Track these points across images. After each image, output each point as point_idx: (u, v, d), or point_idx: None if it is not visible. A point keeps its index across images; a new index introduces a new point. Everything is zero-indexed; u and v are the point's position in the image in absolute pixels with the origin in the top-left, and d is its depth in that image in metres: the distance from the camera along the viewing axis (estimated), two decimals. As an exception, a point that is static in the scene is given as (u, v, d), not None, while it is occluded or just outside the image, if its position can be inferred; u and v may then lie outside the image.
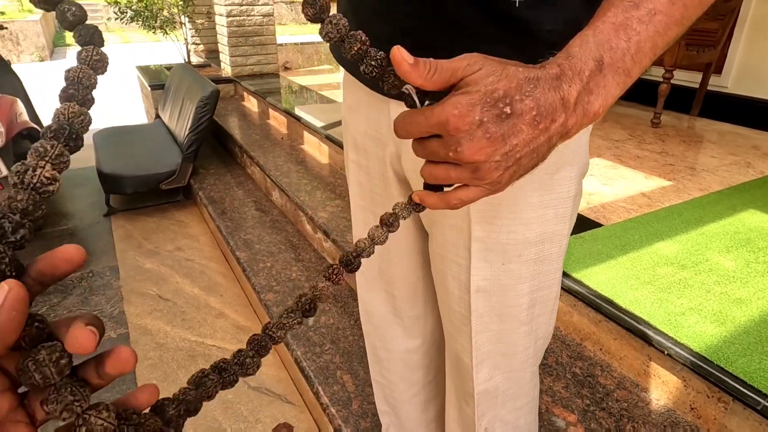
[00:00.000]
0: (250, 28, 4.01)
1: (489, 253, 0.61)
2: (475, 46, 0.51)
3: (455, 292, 0.66)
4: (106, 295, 2.17)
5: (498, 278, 0.62)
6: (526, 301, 0.64)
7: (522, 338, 0.67)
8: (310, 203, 2.20)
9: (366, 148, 0.72)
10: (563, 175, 0.58)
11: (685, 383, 1.12)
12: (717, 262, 1.43)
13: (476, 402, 0.71)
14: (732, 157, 2.30)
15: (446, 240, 0.64)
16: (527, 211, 0.58)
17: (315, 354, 1.57)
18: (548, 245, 0.62)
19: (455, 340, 0.70)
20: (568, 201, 0.61)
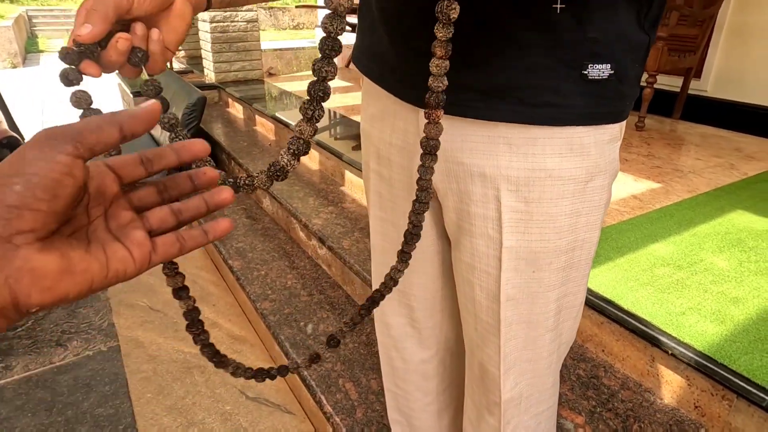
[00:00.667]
0: (234, 34, 3.98)
1: (520, 262, 0.61)
2: (520, 56, 0.51)
3: (483, 302, 0.65)
4: (95, 307, 2.12)
5: (528, 286, 0.62)
6: (553, 308, 0.64)
7: (547, 344, 0.68)
8: (303, 210, 2.18)
9: (390, 158, 0.71)
10: (597, 184, 0.59)
11: (689, 382, 1.14)
12: (711, 262, 1.46)
13: (502, 411, 0.70)
14: (716, 159, 2.36)
15: (475, 249, 0.63)
16: (560, 220, 0.58)
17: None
18: (578, 252, 0.62)
19: (481, 350, 0.70)
20: (599, 209, 0.61)
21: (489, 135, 0.56)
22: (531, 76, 0.52)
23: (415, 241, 0.52)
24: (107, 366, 1.79)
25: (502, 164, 0.57)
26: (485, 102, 0.54)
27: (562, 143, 0.55)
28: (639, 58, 0.54)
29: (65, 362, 1.81)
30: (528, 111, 0.53)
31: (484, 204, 0.60)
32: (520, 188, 0.57)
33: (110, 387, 1.70)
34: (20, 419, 1.56)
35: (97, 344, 1.90)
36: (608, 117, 0.55)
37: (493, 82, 0.53)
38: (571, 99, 0.52)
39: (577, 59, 0.50)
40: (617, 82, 0.53)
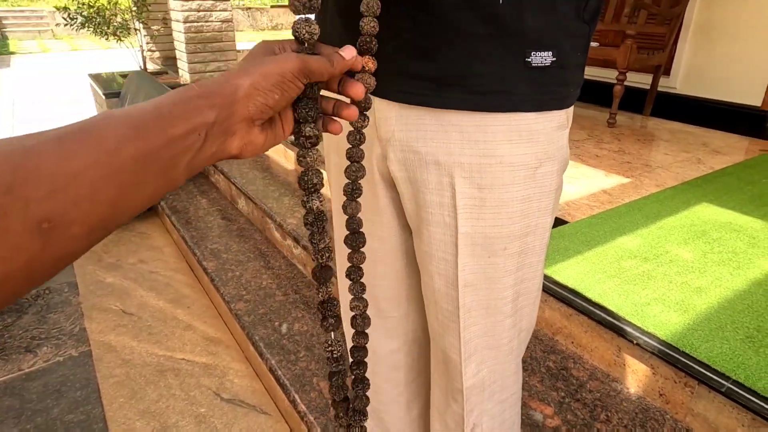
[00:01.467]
0: (209, 34, 3.94)
1: (476, 248, 0.62)
2: (468, 46, 0.53)
3: (442, 289, 0.67)
4: (65, 312, 2.08)
5: (484, 271, 0.63)
6: (510, 293, 0.66)
7: (507, 330, 0.69)
8: (278, 210, 2.17)
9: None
10: (546, 170, 0.60)
11: (654, 371, 1.17)
12: (676, 253, 1.49)
13: (465, 397, 0.71)
14: (684, 154, 2.41)
15: (433, 237, 0.64)
16: (512, 205, 0.60)
17: (290, 362, 1.55)
18: (531, 238, 0.64)
19: (442, 338, 0.71)
20: (550, 194, 0.63)
21: (441, 123, 0.58)
22: (478, 64, 0.54)
23: (358, 244, 0.55)
24: (78, 371, 1.76)
25: (454, 151, 0.58)
26: (436, 91, 0.56)
27: (511, 130, 0.57)
28: (580, 46, 0.57)
29: (35, 368, 1.77)
30: (476, 98, 0.55)
31: (440, 191, 0.61)
32: (473, 175, 0.59)
33: (81, 392, 1.67)
34: (-13, 428, 1.53)
35: (68, 349, 1.86)
36: (553, 103, 0.58)
37: (443, 71, 0.55)
38: (516, 86, 0.55)
39: (520, 47, 0.53)
40: (559, 68, 0.55)
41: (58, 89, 6.91)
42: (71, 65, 8.97)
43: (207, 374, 1.75)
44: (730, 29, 2.93)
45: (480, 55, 0.53)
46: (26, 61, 9.54)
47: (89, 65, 8.55)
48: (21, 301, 2.13)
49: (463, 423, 0.74)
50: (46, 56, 10.21)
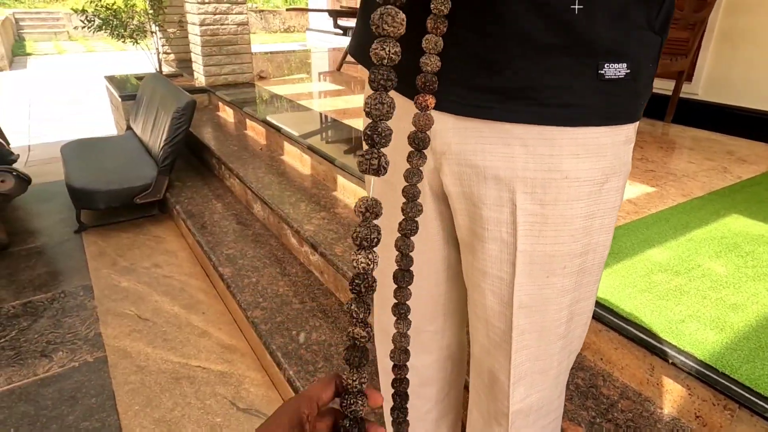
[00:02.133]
0: (224, 36, 3.94)
1: (534, 267, 0.59)
2: (538, 57, 0.50)
3: (496, 307, 0.64)
4: (81, 316, 2.07)
5: (541, 292, 0.61)
6: (565, 314, 0.63)
7: (557, 353, 0.66)
8: (294, 216, 2.14)
9: (395, 162, 0.69)
10: (611, 186, 0.58)
11: (690, 391, 1.12)
12: (709, 267, 1.44)
13: (510, 421, 0.68)
14: (709, 163, 2.35)
15: (488, 254, 0.61)
16: (575, 222, 0.57)
17: (308, 372, 1.52)
18: (591, 256, 0.61)
19: (491, 357, 0.68)
20: (613, 211, 0.60)
21: (502, 136, 0.55)
22: (548, 76, 0.51)
23: (406, 282, 0.51)
24: (93, 377, 1.74)
25: (517, 166, 0.56)
26: (501, 103, 0.53)
27: (577, 143, 0.54)
28: (652, 57, 0.55)
29: (50, 374, 1.76)
30: (544, 111, 0.52)
31: (498, 207, 0.58)
32: (536, 190, 0.56)
33: (96, 399, 1.65)
34: (2, 434, 1.51)
35: (84, 355, 1.85)
36: (623, 117, 0.55)
37: (510, 83, 0.52)
38: (587, 99, 0.52)
39: (593, 59, 0.50)
40: (632, 81, 0.53)
41: (73, 91, 6.97)
42: (86, 67, 9.05)
43: (223, 383, 1.72)
44: (755, 35, 2.87)
45: (550, 66, 0.50)
46: (42, 63, 9.64)
47: (104, 67, 8.62)
48: (37, 304, 2.12)
49: None
50: (61, 58, 10.31)
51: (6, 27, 10.36)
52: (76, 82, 7.62)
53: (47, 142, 4.57)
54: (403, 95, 0.64)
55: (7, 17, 11.15)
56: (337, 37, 8.36)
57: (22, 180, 2.54)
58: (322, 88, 4.27)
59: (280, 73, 4.78)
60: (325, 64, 5.65)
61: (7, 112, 5.66)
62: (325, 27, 9.28)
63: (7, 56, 9.11)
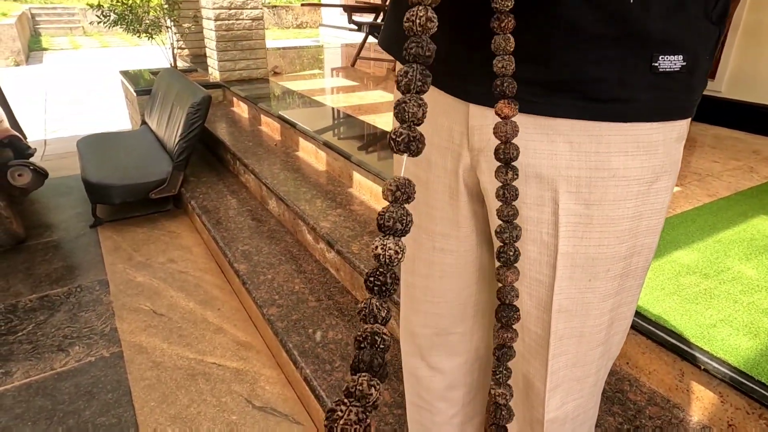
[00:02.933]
0: (239, 32, 3.93)
1: (576, 270, 0.56)
2: (588, 48, 0.47)
3: (533, 311, 0.61)
4: (97, 311, 2.07)
5: (583, 296, 0.58)
6: (606, 319, 0.60)
7: (596, 360, 0.63)
8: (310, 212, 2.12)
9: (429, 160, 0.66)
10: (661, 185, 0.54)
11: (722, 399, 1.08)
12: (739, 270, 1.40)
13: (545, 430, 0.66)
14: (734, 162, 2.30)
15: (526, 256, 0.58)
16: (621, 223, 0.54)
17: (325, 372, 1.50)
18: (636, 259, 0.57)
19: (527, 362, 0.65)
20: (661, 212, 0.57)
21: (547, 133, 0.52)
22: (597, 69, 0.48)
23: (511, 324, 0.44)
24: (110, 373, 1.74)
25: (561, 164, 0.53)
26: (546, 97, 0.50)
27: (627, 140, 0.51)
28: (709, 49, 0.51)
29: (66, 368, 1.76)
30: (593, 106, 0.49)
31: (539, 207, 0.55)
32: (581, 189, 0.53)
33: (113, 395, 1.65)
34: (20, 428, 1.51)
35: (100, 350, 1.85)
36: (677, 112, 0.52)
37: (557, 76, 0.49)
38: (639, 93, 0.49)
39: (646, 50, 0.47)
40: (688, 74, 0.49)
41: (88, 85, 7.02)
42: (101, 62, 9.11)
43: (238, 380, 1.71)
44: (782, 31, 2.79)
45: (600, 58, 0.47)
46: (58, 58, 9.72)
47: (119, 62, 8.68)
48: (53, 298, 2.13)
49: None
50: (76, 53, 10.40)
51: (22, 22, 10.46)
52: (92, 77, 7.68)
53: (63, 136, 4.60)
54: (441, 89, 0.61)
55: (23, 12, 11.25)
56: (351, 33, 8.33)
57: (40, 174, 2.55)
58: (336, 84, 4.25)
59: (293, 69, 4.77)
60: (339, 60, 5.62)
61: (23, 107, 5.71)
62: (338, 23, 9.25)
63: (23, 51, 9.20)
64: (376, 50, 5.86)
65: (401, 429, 1.30)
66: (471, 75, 0.55)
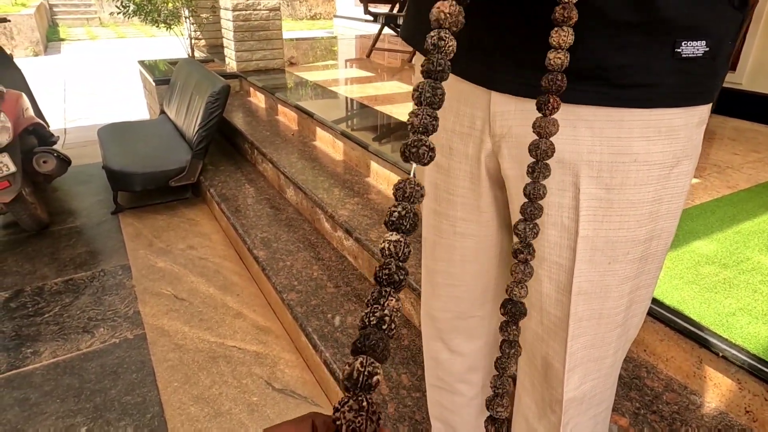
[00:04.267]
0: (256, 22, 3.95)
1: (596, 253, 0.58)
2: (612, 34, 0.48)
3: (552, 294, 0.62)
4: (120, 294, 2.12)
5: (602, 279, 0.59)
6: (625, 302, 0.61)
7: (614, 341, 0.65)
8: (328, 201, 2.15)
9: (451, 146, 0.68)
10: (681, 170, 0.55)
11: (740, 386, 1.09)
12: (759, 261, 1.40)
13: (564, 409, 0.67)
14: (755, 155, 2.28)
15: (546, 240, 0.60)
16: (641, 207, 0.55)
17: (344, 355, 1.53)
18: (656, 242, 0.59)
19: (545, 344, 0.67)
20: (681, 196, 0.58)
21: (570, 119, 0.53)
22: (621, 55, 0.49)
23: (519, 318, 0.44)
24: (134, 354, 1.79)
25: (583, 149, 0.54)
26: (569, 83, 0.51)
27: (649, 125, 0.52)
28: (732, 34, 0.52)
29: (92, 349, 1.81)
30: (615, 92, 0.50)
31: (560, 191, 0.57)
32: (602, 174, 0.54)
33: (137, 375, 1.69)
34: (49, 405, 1.57)
35: (124, 332, 1.90)
36: (699, 97, 0.53)
37: (581, 63, 0.50)
38: (662, 78, 0.50)
39: (669, 36, 0.48)
40: (711, 59, 0.50)
41: (106, 75, 7.10)
42: (118, 52, 9.19)
43: (258, 363, 1.75)
44: (806, 22, 2.74)
45: (624, 44, 0.48)
46: (75, 48, 9.83)
47: (135, 52, 8.75)
48: (77, 282, 2.19)
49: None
50: (94, 43, 10.50)
51: (41, 13, 10.58)
52: (109, 67, 7.76)
53: (83, 125, 4.67)
54: (463, 77, 0.62)
55: (41, 3, 11.38)
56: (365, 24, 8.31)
57: (63, 161, 2.60)
58: (351, 74, 4.26)
59: (309, 60, 4.78)
60: (354, 51, 5.62)
61: (43, 97, 5.80)
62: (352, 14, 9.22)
63: (42, 42, 9.32)
64: (391, 41, 5.85)
65: (420, 411, 1.33)
66: (495, 63, 0.56)
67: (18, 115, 2.36)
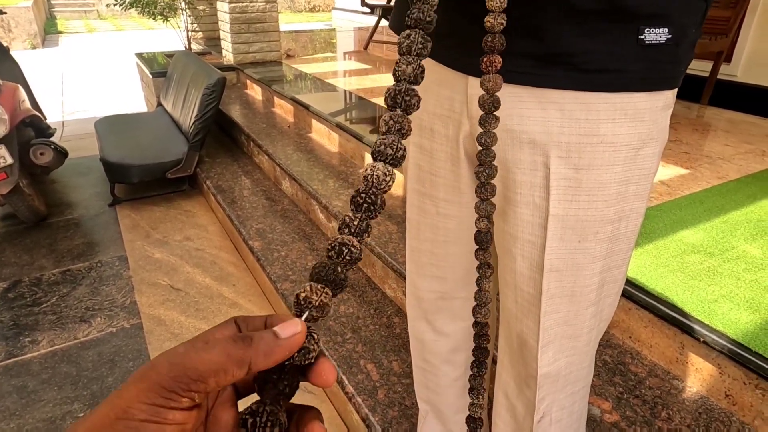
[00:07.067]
0: (252, 14, 3.95)
1: (566, 231, 0.60)
2: (580, 22, 0.50)
3: (525, 272, 0.65)
4: (117, 285, 2.14)
5: (572, 257, 0.61)
6: (596, 280, 0.63)
7: (588, 320, 0.67)
8: (323, 192, 2.17)
9: (432, 128, 0.70)
10: (647, 152, 0.58)
11: (721, 370, 1.12)
12: (744, 250, 1.42)
13: (538, 384, 0.70)
14: (746, 146, 2.29)
15: (520, 219, 0.62)
16: (609, 187, 0.58)
17: (337, 343, 1.56)
18: (625, 223, 0.61)
19: (520, 322, 0.69)
20: (648, 177, 0.60)
21: (540, 101, 0.56)
22: (587, 41, 0.51)
23: (486, 247, 0.49)
24: (130, 343, 1.81)
25: (553, 130, 0.56)
26: (540, 69, 0.54)
27: (615, 108, 0.54)
28: (696, 22, 0.54)
29: (89, 338, 1.84)
30: (583, 77, 0.53)
31: (532, 171, 0.59)
32: (571, 154, 0.57)
33: (134, 363, 1.72)
34: (47, 392, 1.60)
35: (120, 321, 1.92)
36: (664, 83, 0.55)
37: (549, 48, 0.53)
38: (627, 64, 0.52)
39: (633, 24, 0.50)
40: (674, 46, 0.53)
41: (104, 68, 7.09)
42: (116, 45, 9.17)
43: (253, 351, 1.77)
44: (801, 13, 2.75)
45: (590, 31, 0.51)
46: (73, 41, 9.81)
47: (133, 45, 8.73)
48: (75, 273, 2.21)
49: (534, 410, 0.73)
50: (91, 36, 10.47)
51: (38, 5, 10.54)
52: (107, 59, 7.75)
53: (81, 118, 4.68)
54: (443, 63, 0.65)
55: (39, -4, 11.33)
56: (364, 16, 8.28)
57: (60, 153, 2.62)
58: (348, 67, 4.26)
59: (306, 52, 4.78)
60: (352, 43, 5.62)
61: (41, 89, 5.80)
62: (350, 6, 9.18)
63: (39, 34, 9.30)
64: (389, 34, 5.84)
65: (410, 397, 1.36)
66: (470, 48, 0.59)
67: (15, 107, 2.38)
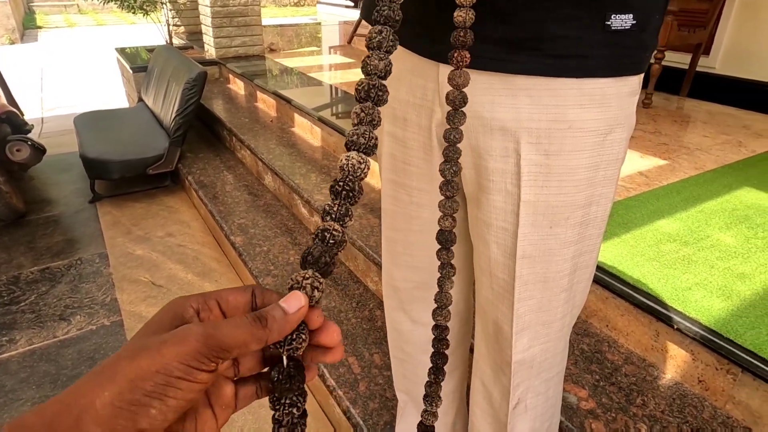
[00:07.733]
0: (234, 8, 3.91)
1: (537, 217, 0.61)
2: (548, 7, 0.51)
3: (499, 258, 0.65)
4: (97, 282, 2.12)
5: (545, 242, 0.62)
6: (569, 266, 0.64)
7: (561, 305, 0.68)
8: (305, 186, 2.16)
9: (405, 117, 0.70)
10: (615, 137, 0.59)
11: (694, 357, 1.14)
12: (718, 238, 1.45)
13: (513, 371, 0.71)
14: (724, 137, 2.33)
15: (492, 205, 0.63)
16: (578, 172, 0.58)
17: (318, 337, 1.55)
18: (594, 208, 0.62)
19: (495, 308, 0.70)
20: (616, 163, 0.61)
21: (510, 88, 0.56)
22: (556, 27, 0.52)
23: (449, 246, 0.49)
24: (111, 340, 1.80)
25: (522, 117, 0.57)
26: (509, 55, 0.54)
27: (583, 94, 0.55)
28: (659, 8, 0.55)
29: (69, 336, 1.81)
30: (551, 63, 0.53)
31: (504, 158, 0.59)
32: (541, 140, 0.57)
33: (114, 360, 1.70)
34: (25, 391, 1.57)
35: (101, 319, 1.90)
36: (629, 68, 0.56)
37: (518, 33, 0.53)
38: (594, 50, 0.53)
39: (600, 10, 0.51)
40: (639, 32, 0.53)
41: (84, 63, 6.97)
42: (97, 40, 9.02)
43: (235, 347, 1.77)
44: (777, 6, 2.79)
45: (558, 17, 0.51)
46: (53, 36, 9.63)
47: (114, 40, 8.59)
48: (54, 271, 2.18)
49: (509, 396, 0.73)
50: (71, 31, 10.29)
51: (16, 0, 10.32)
52: (87, 55, 7.62)
53: (60, 114, 4.60)
54: (414, 51, 0.64)
55: (17, -10, 11.09)
56: (348, 10, 8.23)
57: (38, 150, 2.57)
58: (332, 61, 4.24)
59: (290, 46, 4.75)
60: (336, 37, 5.59)
61: (20, 85, 5.69)
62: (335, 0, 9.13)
63: (18, 29, 9.11)
64: (373, 27, 5.80)
65: (390, 389, 1.36)
66: (440, 36, 0.59)
67: (-11, 103, 2.33)
